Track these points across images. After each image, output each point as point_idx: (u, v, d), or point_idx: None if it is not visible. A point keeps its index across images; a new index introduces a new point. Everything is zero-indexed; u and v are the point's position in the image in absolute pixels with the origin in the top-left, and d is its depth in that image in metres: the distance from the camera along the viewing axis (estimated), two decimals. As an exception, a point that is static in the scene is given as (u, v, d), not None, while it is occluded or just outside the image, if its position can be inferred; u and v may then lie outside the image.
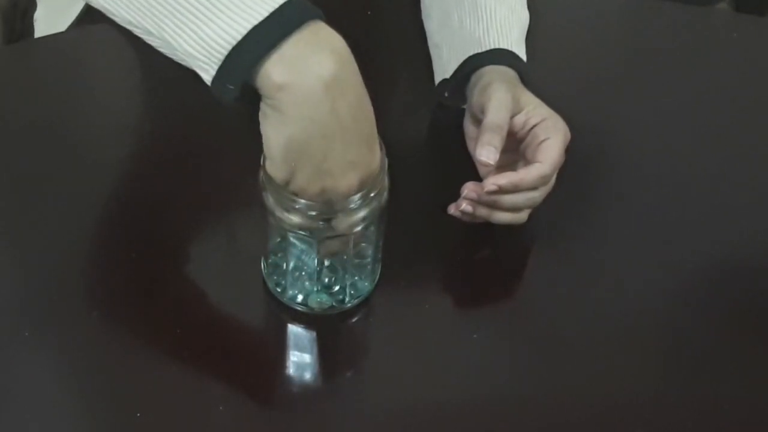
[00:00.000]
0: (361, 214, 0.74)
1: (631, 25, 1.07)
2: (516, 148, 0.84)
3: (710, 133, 0.97)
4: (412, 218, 0.85)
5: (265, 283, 0.81)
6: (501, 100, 0.81)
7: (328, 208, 0.71)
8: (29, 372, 0.77)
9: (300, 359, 0.80)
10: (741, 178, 0.94)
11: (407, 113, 0.93)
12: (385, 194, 0.75)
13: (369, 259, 0.79)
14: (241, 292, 0.81)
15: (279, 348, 0.81)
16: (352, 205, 0.72)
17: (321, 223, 0.73)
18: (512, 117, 0.82)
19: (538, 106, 0.83)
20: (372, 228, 0.76)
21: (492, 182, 0.78)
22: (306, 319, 0.80)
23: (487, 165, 0.79)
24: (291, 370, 0.79)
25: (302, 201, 0.72)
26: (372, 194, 0.73)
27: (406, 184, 0.79)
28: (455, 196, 0.84)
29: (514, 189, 0.80)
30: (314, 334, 0.81)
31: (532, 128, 0.82)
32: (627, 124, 0.97)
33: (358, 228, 0.75)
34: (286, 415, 0.77)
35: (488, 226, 0.87)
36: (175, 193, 0.89)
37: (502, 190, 0.79)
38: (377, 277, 0.81)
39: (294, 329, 0.81)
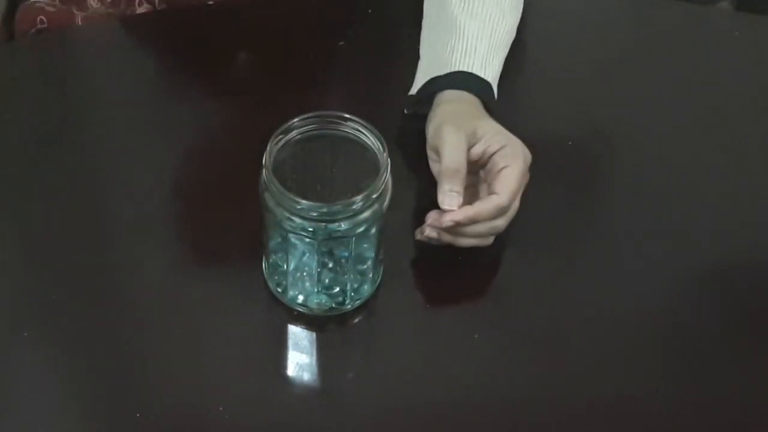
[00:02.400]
0: (363, 215, 0.74)
1: (633, 24, 1.07)
2: (477, 171, 0.84)
3: (711, 133, 0.97)
4: (413, 220, 0.85)
5: (265, 283, 0.81)
6: (453, 143, 0.82)
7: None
8: (29, 372, 0.77)
9: (300, 360, 0.80)
10: (742, 177, 0.94)
11: (408, 113, 0.93)
12: (388, 196, 0.75)
13: (370, 262, 0.79)
14: (241, 292, 0.81)
15: (279, 348, 0.81)
16: (354, 207, 0.72)
17: (322, 224, 0.73)
18: (470, 148, 0.82)
19: (496, 133, 0.83)
20: (373, 230, 0.76)
21: (449, 219, 0.79)
22: (306, 319, 0.80)
23: (451, 210, 0.80)
24: (291, 371, 0.79)
25: (303, 202, 0.72)
26: (374, 196, 0.73)
27: (406, 185, 0.79)
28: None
29: (472, 222, 0.80)
30: (314, 334, 0.81)
31: (491, 156, 0.82)
32: (627, 122, 0.97)
33: (360, 229, 0.75)
34: (286, 415, 0.77)
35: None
36: (176, 193, 0.89)
37: (460, 225, 0.80)
38: (378, 279, 0.81)
39: (294, 330, 0.81)
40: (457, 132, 0.82)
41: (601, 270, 0.86)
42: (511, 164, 0.81)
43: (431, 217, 0.81)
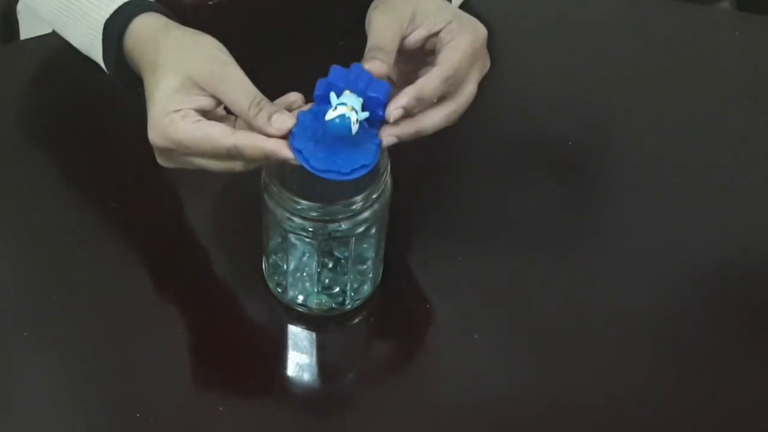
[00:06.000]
0: (364, 215, 0.74)
1: (633, 24, 1.07)
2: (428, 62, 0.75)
3: (712, 132, 0.97)
4: (413, 220, 0.85)
5: (265, 283, 0.81)
6: (378, 23, 0.73)
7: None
8: (29, 372, 0.77)
9: (300, 360, 0.80)
10: (742, 177, 0.94)
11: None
12: (388, 196, 0.75)
13: (370, 262, 0.79)
14: (241, 292, 0.81)
15: (279, 348, 0.81)
16: (354, 207, 0.72)
17: (322, 224, 0.73)
18: (408, 35, 0.74)
19: (439, 10, 0.74)
20: (374, 230, 0.76)
21: (394, 107, 0.69)
22: (306, 320, 0.80)
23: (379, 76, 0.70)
24: (291, 371, 0.79)
25: (303, 202, 0.72)
26: (374, 195, 0.73)
27: (407, 185, 0.79)
28: (456, 197, 0.84)
29: (420, 102, 0.70)
30: (314, 334, 0.81)
31: (437, 35, 0.73)
32: (628, 122, 0.97)
33: (361, 229, 0.75)
34: (286, 416, 0.77)
35: (489, 225, 0.87)
36: (176, 193, 0.89)
37: (408, 110, 0.70)
38: (378, 279, 0.81)
39: (294, 330, 0.81)
40: (382, 12, 0.74)
41: (602, 270, 0.86)
42: (456, 37, 0.72)
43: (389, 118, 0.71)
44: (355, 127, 0.68)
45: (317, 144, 0.68)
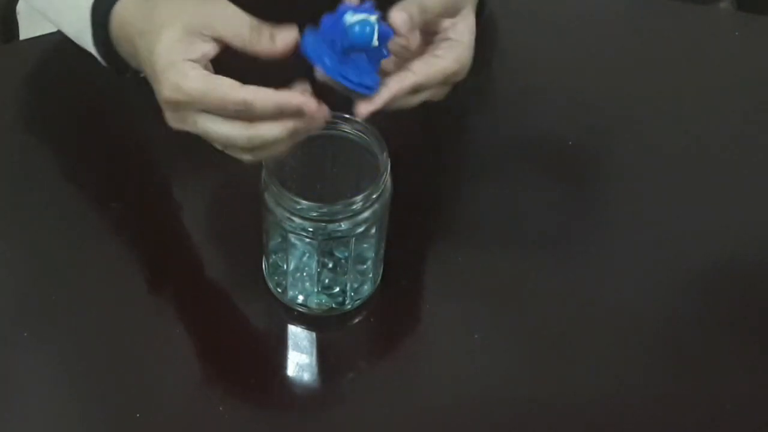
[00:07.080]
0: (364, 215, 0.74)
1: (633, 24, 1.07)
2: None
3: (711, 132, 0.97)
4: (413, 219, 0.85)
5: (265, 283, 0.81)
6: None
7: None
8: (29, 372, 0.77)
9: (300, 360, 0.80)
10: (742, 177, 0.94)
11: (408, 113, 0.93)
12: (388, 196, 0.75)
13: (370, 262, 0.79)
14: (241, 292, 0.81)
15: (279, 348, 0.81)
16: (354, 207, 0.72)
17: (322, 224, 0.73)
18: (443, 15, 0.74)
19: (467, 29, 0.75)
20: (374, 230, 0.76)
21: (365, 112, 0.70)
22: (306, 319, 0.80)
23: (395, 28, 0.70)
24: (291, 371, 0.79)
25: (303, 202, 0.72)
26: (374, 195, 0.73)
27: (407, 185, 0.79)
28: (456, 197, 0.84)
29: (393, 101, 0.72)
30: (314, 334, 0.81)
31: (443, 40, 0.74)
32: (627, 122, 0.97)
33: (361, 229, 0.75)
34: (286, 416, 0.77)
35: (489, 225, 0.87)
36: (175, 193, 0.89)
37: (383, 107, 0.71)
38: (378, 279, 0.81)
39: (294, 330, 0.81)
40: None
41: (602, 270, 0.86)
42: (448, 54, 0.73)
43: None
44: (374, 37, 0.66)
45: (342, 62, 0.67)
